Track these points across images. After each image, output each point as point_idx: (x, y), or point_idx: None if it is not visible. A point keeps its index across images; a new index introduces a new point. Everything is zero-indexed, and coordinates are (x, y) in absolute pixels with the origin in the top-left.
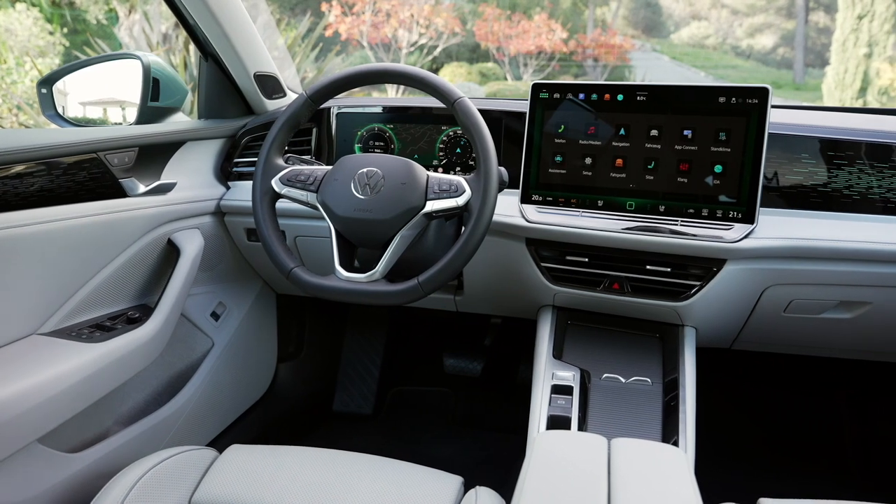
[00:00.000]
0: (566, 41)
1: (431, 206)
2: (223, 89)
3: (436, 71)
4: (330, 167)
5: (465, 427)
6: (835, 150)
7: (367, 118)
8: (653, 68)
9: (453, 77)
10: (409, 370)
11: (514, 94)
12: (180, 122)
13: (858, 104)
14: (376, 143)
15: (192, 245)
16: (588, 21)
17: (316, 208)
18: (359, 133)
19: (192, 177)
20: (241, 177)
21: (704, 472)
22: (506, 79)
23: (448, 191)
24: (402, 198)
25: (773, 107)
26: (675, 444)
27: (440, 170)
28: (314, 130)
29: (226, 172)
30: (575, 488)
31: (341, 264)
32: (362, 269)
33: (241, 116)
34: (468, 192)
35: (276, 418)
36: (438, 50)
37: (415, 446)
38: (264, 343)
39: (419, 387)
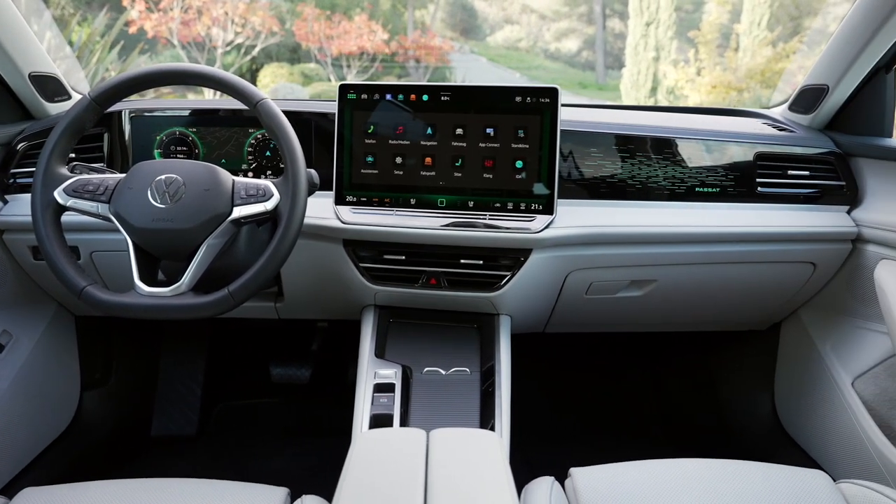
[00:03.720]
0: (388, 42)
1: (239, 212)
2: None
3: (255, 72)
4: (123, 175)
5: (298, 436)
6: (623, 144)
7: (166, 122)
8: (472, 69)
9: (275, 78)
10: (235, 384)
11: None
12: None
13: (650, 102)
14: (178, 149)
15: None
16: (408, 23)
17: (109, 220)
18: (158, 138)
19: None
20: (22, 189)
21: (521, 452)
22: (329, 80)
23: (255, 195)
24: (205, 205)
25: (573, 105)
26: (492, 428)
27: (250, 174)
28: (105, 136)
29: (2, 185)
30: (392, 483)
31: (141, 279)
32: (168, 282)
33: (18, 122)
34: (277, 196)
35: (83, 452)
36: (257, 50)
37: (245, 462)
38: (64, 372)
39: (246, 400)
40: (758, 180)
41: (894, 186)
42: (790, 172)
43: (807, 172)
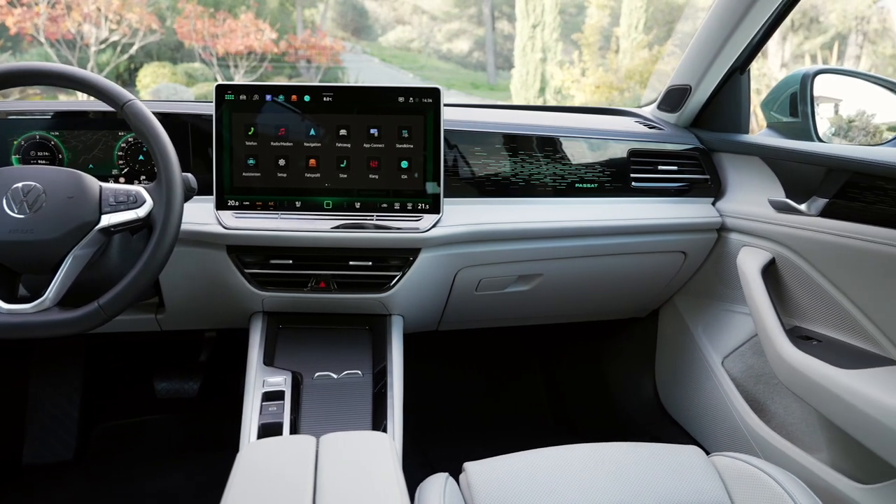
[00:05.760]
0: (276, 42)
1: (108, 220)
2: None
3: (134, 71)
4: None
5: (186, 453)
6: (508, 143)
7: (25, 125)
8: (365, 70)
9: (156, 78)
10: (116, 402)
11: None
12: None
13: (539, 102)
14: (39, 154)
15: None
16: (297, 22)
17: None
18: (15, 143)
19: None
20: None
21: (420, 451)
22: (216, 80)
23: (126, 202)
24: (69, 213)
25: (461, 105)
26: (385, 430)
27: (121, 180)
28: None
29: None
30: (279, 493)
31: None
32: (31, 297)
33: None
34: (149, 203)
35: None
36: (135, 48)
37: (129, 485)
38: None
39: (130, 419)
40: (632, 175)
41: (751, 179)
42: (660, 168)
43: (675, 167)
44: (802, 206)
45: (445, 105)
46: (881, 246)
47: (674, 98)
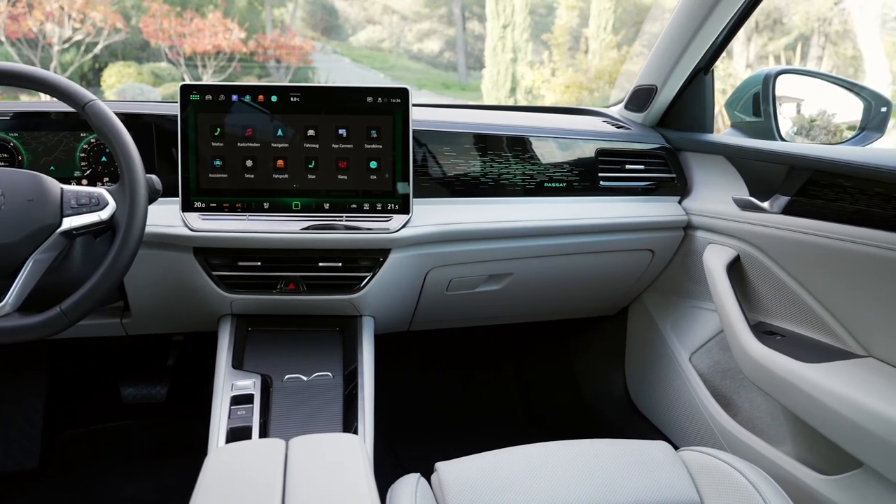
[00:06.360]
0: (245, 41)
1: (70, 222)
2: None
3: (99, 71)
4: None
5: (155, 458)
6: (478, 143)
7: None
8: (335, 69)
9: (121, 78)
10: (82, 409)
11: None
12: None
13: (510, 102)
14: None
15: None
16: (266, 21)
17: None
18: None
19: None
20: None
21: (392, 452)
22: (183, 80)
23: (88, 204)
24: (29, 216)
25: (431, 106)
26: (356, 431)
27: (84, 182)
28: None
29: None
30: (247, 497)
31: None
32: None
33: None
34: (112, 205)
35: None
36: (99, 47)
37: (96, 493)
38: None
39: (97, 425)
40: (599, 175)
41: (716, 177)
42: (628, 167)
43: (642, 166)
44: (765, 204)
45: (415, 105)
46: (841, 242)
47: (640, 98)
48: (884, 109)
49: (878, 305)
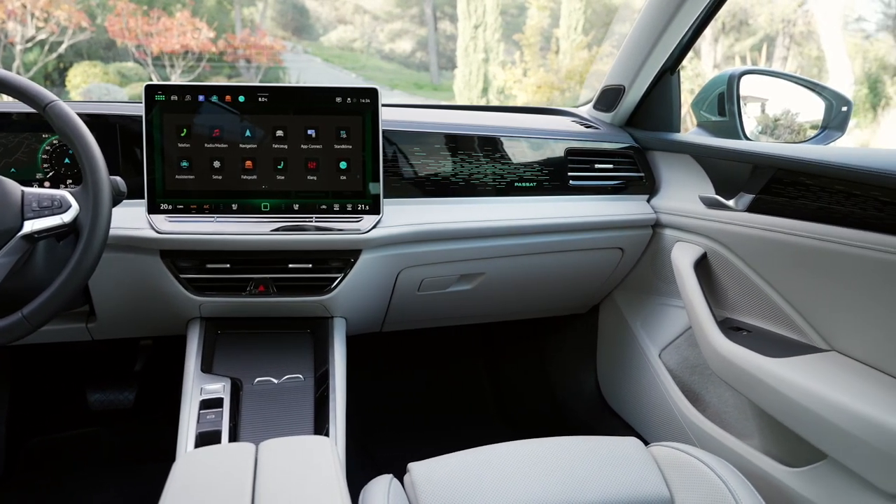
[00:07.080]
0: (214, 41)
1: (31, 226)
2: None
3: (64, 71)
4: None
5: (123, 465)
6: (448, 143)
7: None
8: (306, 70)
9: (87, 77)
10: (47, 416)
11: None
12: None
13: (483, 102)
14: None
15: None
16: (236, 21)
17: None
18: None
19: None
20: None
21: (366, 453)
22: (151, 80)
23: (50, 207)
24: None
25: (402, 106)
26: (327, 433)
27: (47, 184)
28: None
29: None
30: (216, 502)
31: None
32: None
33: None
34: (75, 207)
35: None
36: (64, 46)
37: (63, 501)
38: None
39: (62, 433)
40: (569, 174)
41: (682, 176)
42: (597, 166)
43: (611, 166)
44: (731, 202)
45: (386, 105)
46: (804, 239)
47: (608, 98)
48: (844, 109)
49: (841, 300)
